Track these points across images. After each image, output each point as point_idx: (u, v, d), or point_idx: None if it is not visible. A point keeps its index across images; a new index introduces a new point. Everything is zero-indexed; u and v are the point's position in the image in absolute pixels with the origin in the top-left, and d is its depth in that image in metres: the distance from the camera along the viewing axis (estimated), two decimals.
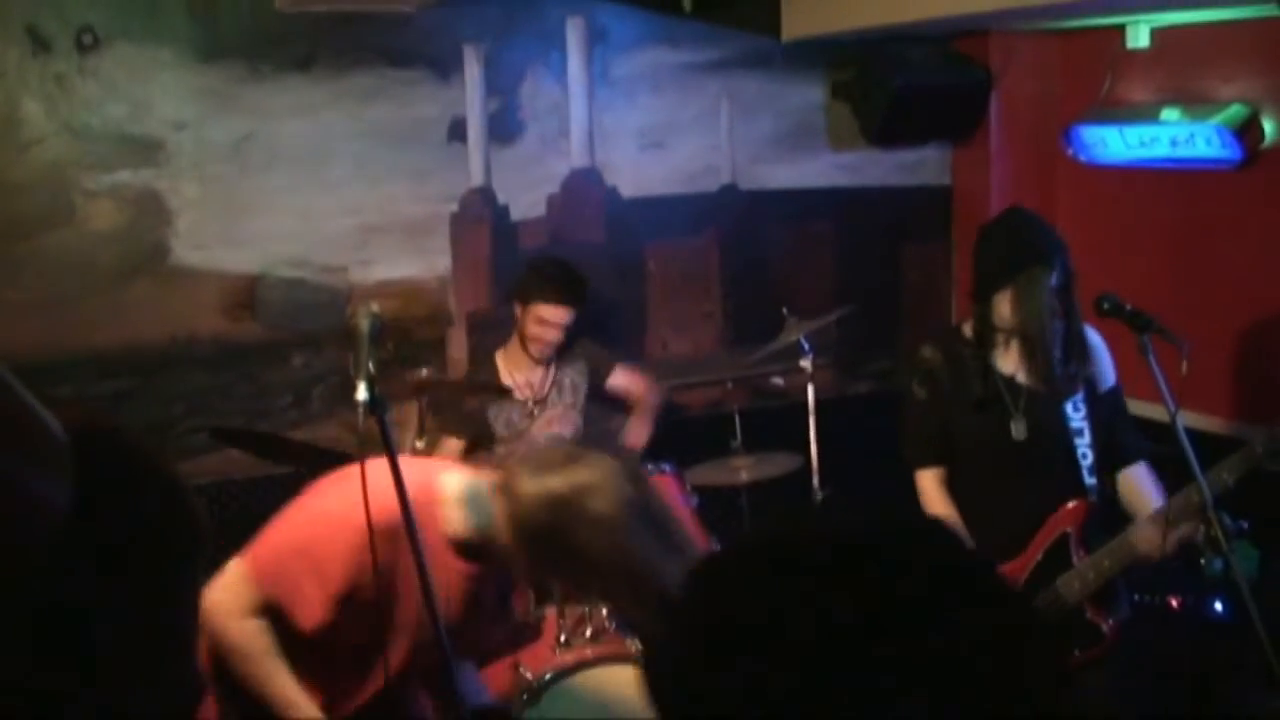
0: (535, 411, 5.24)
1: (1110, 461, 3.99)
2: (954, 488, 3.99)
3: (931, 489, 3.99)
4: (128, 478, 1.20)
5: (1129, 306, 3.64)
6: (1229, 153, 5.27)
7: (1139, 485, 3.97)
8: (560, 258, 5.35)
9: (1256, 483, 4.78)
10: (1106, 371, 4.01)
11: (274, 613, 2.73)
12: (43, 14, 4.92)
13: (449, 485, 2.79)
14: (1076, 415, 3.90)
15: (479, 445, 5.22)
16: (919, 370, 4.00)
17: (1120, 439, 3.98)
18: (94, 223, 5.11)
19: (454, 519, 2.76)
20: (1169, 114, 5.52)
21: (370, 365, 2.38)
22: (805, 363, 5.30)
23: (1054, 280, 3.74)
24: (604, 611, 4.44)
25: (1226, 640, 4.53)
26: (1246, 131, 5.22)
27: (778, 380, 5.98)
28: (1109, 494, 4.02)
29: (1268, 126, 5.21)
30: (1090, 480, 3.92)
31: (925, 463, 4.01)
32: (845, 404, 6.23)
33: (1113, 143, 5.75)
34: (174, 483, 1.26)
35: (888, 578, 1.12)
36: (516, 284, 5.24)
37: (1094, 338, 4.00)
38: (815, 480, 5.23)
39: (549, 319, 5.10)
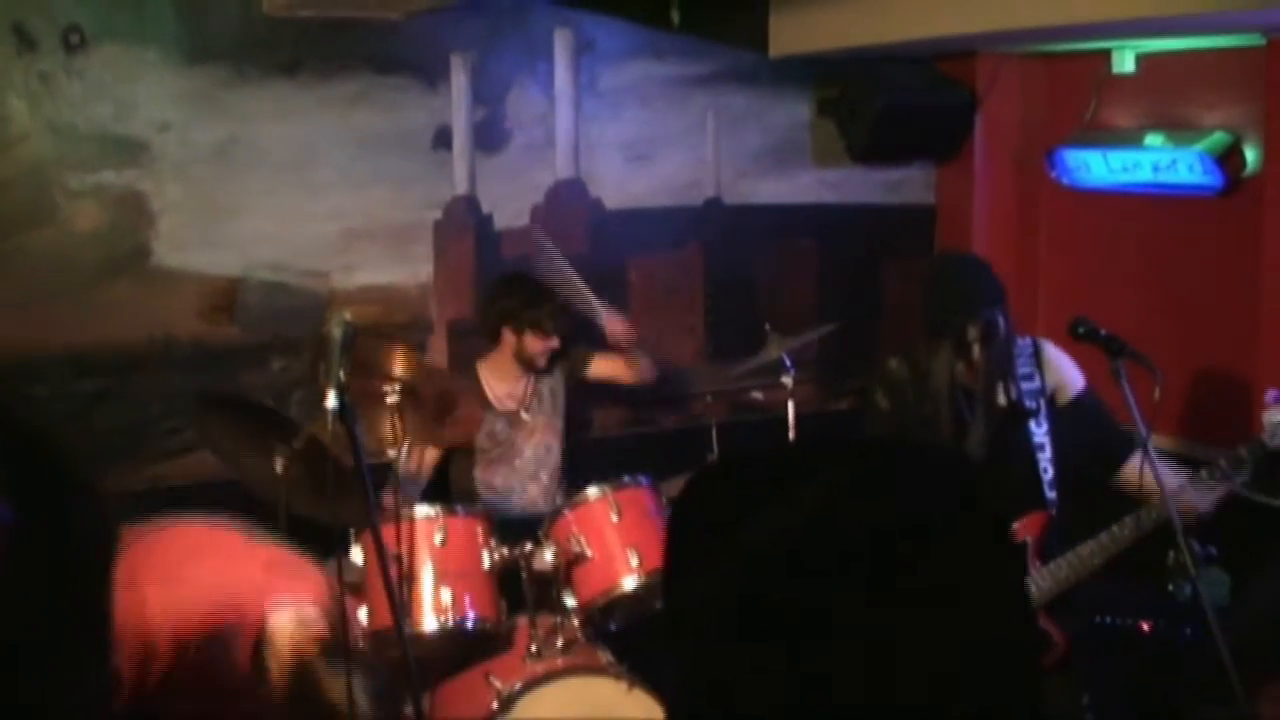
0: (523, 418, 5.24)
1: (1106, 466, 4.02)
2: None
3: None
4: (56, 483, 1.21)
5: (1104, 331, 3.67)
6: (1211, 180, 5.30)
7: (1146, 469, 3.79)
8: (537, 280, 5.36)
9: (1228, 509, 4.81)
10: (1068, 382, 4.07)
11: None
12: (30, 13, 4.92)
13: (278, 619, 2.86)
14: (1039, 431, 3.97)
15: (457, 454, 5.22)
16: (884, 381, 4.06)
17: (1109, 438, 4.01)
18: (76, 222, 5.11)
19: (271, 655, 2.82)
20: (1153, 139, 5.55)
21: (341, 373, 2.39)
22: (787, 379, 5.31)
23: (974, 334, 3.81)
24: (575, 623, 4.44)
25: (1195, 665, 4.54)
26: (1228, 159, 5.25)
27: (757, 395, 5.99)
28: (1068, 508, 4.07)
29: (1249, 155, 5.24)
30: (1050, 494, 3.99)
31: None
32: (824, 420, 6.24)
33: (1096, 167, 5.77)
34: (94, 484, 1.27)
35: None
36: (504, 307, 5.18)
37: (1051, 351, 4.08)
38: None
39: (546, 346, 5.13)
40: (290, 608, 2.85)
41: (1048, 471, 3.98)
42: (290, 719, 2.65)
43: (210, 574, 2.83)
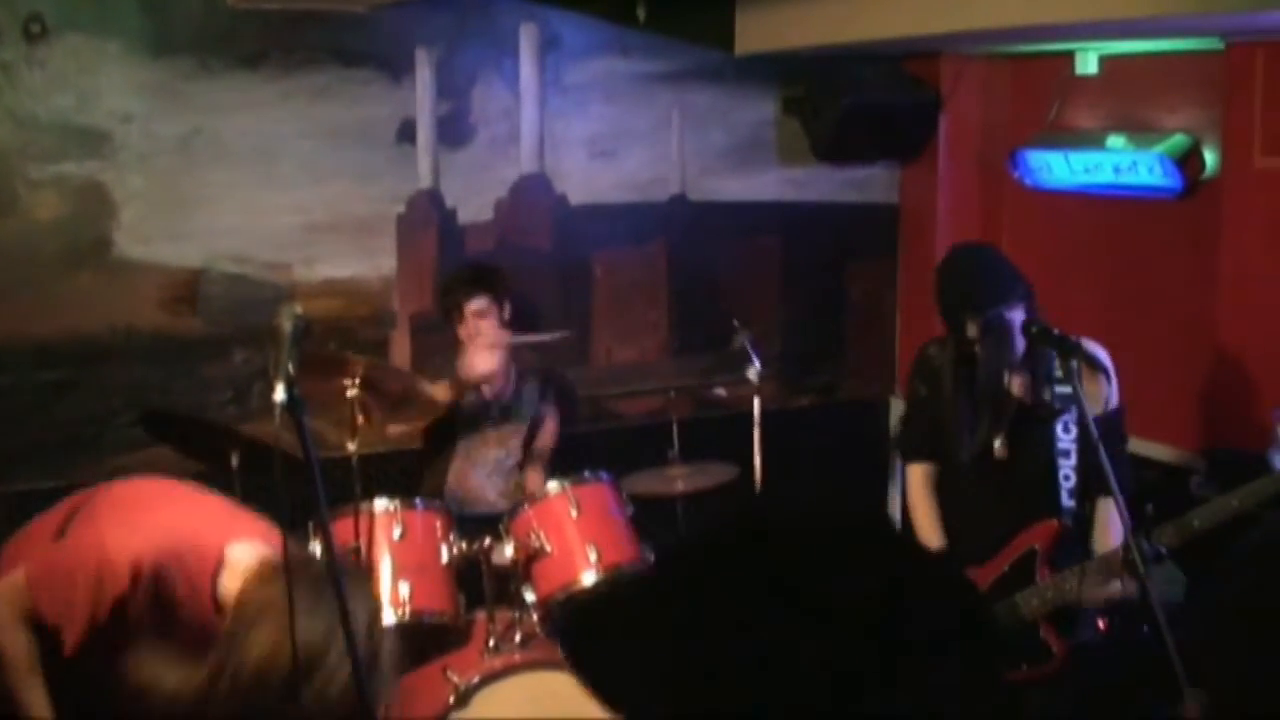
0: (496, 415, 5.25)
1: (1092, 486, 4.01)
2: (940, 488, 4.04)
3: (917, 484, 4.07)
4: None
5: (1057, 331, 3.69)
6: (1170, 182, 5.33)
7: (1104, 521, 4.01)
8: (464, 264, 5.46)
9: (1185, 507, 4.85)
10: (1104, 393, 4.00)
11: (42, 628, 2.84)
12: None
13: (237, 553, 2.87)
14: (1066, 437, 3.92)
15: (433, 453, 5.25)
16: (923, 368, 4.06)
17: (1098, 466, 4.00)
18: (37, 213, 5.08)
19: (228, 587, 2.85)
20: (1114, 141, 5.58)
21: (290, 366, 2.39)
22: (752, 374, 5.32)
23: (973, 330, 3.82)
24: (534, 618, 4.45)
25: (1147, 663, 4.58)
26: (1188, 162, 5.29)
27: (720, 391, 6.01)
28: (1087, 518, 4.06)
29: (1208, 157, 5.28)
30: (1069, 503, 3.97)
31: (914, 457, 4.10)
32: (786, 417, 6.26)
33: (1058, 168, 5.81)
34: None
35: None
36: (443, 298, 5.27)
37: (1101, 357, 4.01)
38: (757, 491, 5.25)
39: (475, 311, 5.13)
40: (247, 544, 2.88)
41: (1069, 479, 3.93)
42: (236, 650, 2.68)
43: (168, 513, 2.88)
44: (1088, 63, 5.80)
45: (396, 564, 4.40)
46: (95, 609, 2.81)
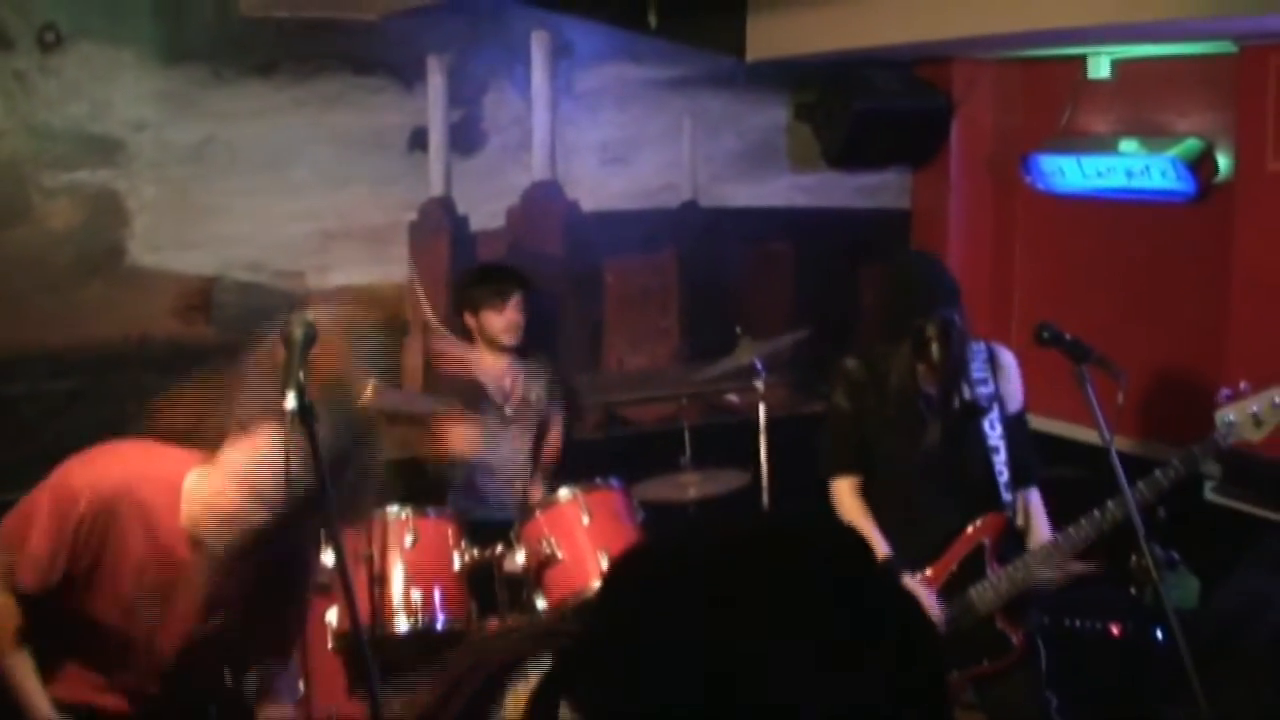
0: (507, 414, 5.25)
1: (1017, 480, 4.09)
2: (870, 497, 4.06)
3: (848, 497, 4.08)
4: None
5: (1068, 336, 3.70)
6: (1183, 186, 5.33)
7: (1032, 511, 4.11)
8: (490, 262, 5.47)
9: (1199, 514, 4.85)
10: (1017, 392, 4.12)
11: (14, 582, 2.88)
12: (4, 10, 4.91)
13: (192, 480, 2.92)
14: (993, 433, 4.00)
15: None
16: (844, 382, 4.08)
17: (1023, 460, 4.06)
18: (51, 221, 5.09)
19: (192, 513, 2.88)
20: (1127, 145, 5.58)
21: (300, 374, 2.40)
22: (759, 383, 5.33)
23: (932, 332, 3.85)
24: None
25: (1163, 668, 4.57)
26: (1200, 166, 5.28)
27: (732, 397, 6.00)
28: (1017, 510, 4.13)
29: (1221, 161, 5.27)
30: (1006, 496, 4.02)
31: (841, 471, 4.10)
32: (797, 423, 6.24)
33: (1070, 172, 5.80)
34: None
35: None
36: (461, 296, 5.30)
37: (1006, 357, 4.14)
38: (765, 498, 5.25)
39: (517, 303, 5.15)
40: (202, 475, 2.89)
41: (1003, 474, 4.01)
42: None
43: (132, 455, 2.89)
44: (1100, 67, 5.79)
45: (409, 571, 4.41)
46: (56, 540, 2.84)
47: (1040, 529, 4.07)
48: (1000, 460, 4.00)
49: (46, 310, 5.11)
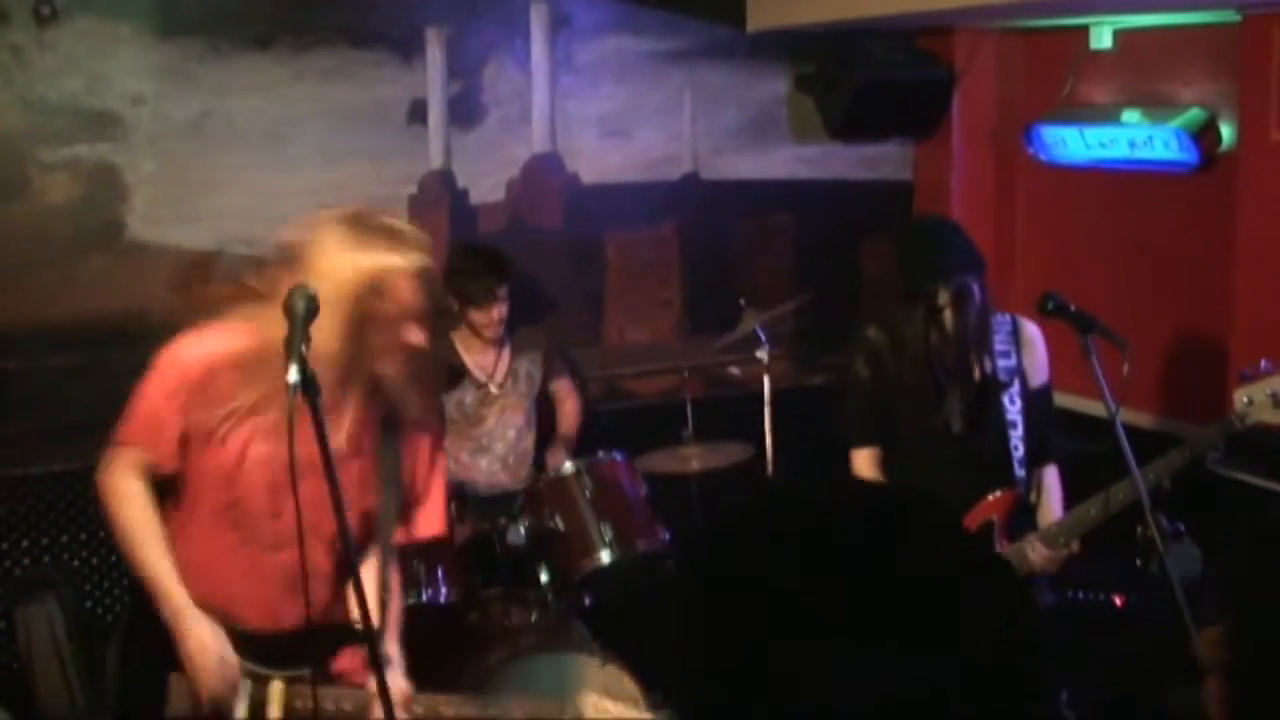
0: (492, 392, 5.22)
1: (1036, 455, 4.07)
2: (887, 469, 4.03)
3: (866, 468, 4.05)
4: None
5: (1073, 307, 3.67)
6: (1186, 156, 5.30)
7: (1045, 487, 4.10)
8: (476, 245, 5.36)
9: (1200, 485, 4.84)
10: (1042, 366, 4.08)
11: (150, 472, 2.94)
12: None
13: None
14: (1012, 408, 3.96)
15: None
16: (864, 350, 4.05)
17: (1043, 437, 4.04)
18: (49, 196, 5.08)
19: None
20: (1129, 116, 5.55)
21: (303, 347, 2.38)
22: (761, 354, 5.32)
23: (945, 299, 3.82)
24: (549, 598, 4.45)
25: (1166, 638, 4.57)
26: (1204, 136, 5.25)
27: (734, 370, 5.99)
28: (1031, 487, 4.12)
29: (1224, 131, 5.25)
30: (1020, 473, 3.99)
31: (863, 442, 4.06)
32: (800, 395, 6.23)
33: (1073, 143, 5.77)
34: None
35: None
36: (450, 281, 5.14)
37: (1032, 331, 4.08)
38: (769, 470, 5.25)
39: (503, 296, 5.10)
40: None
41: (1018, 449, 3.97)
42: None
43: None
44: (1102, 37, 5.75)
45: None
46: (179, 403, 2.91)
47: (1051, 507, 4.04)
48: (1017, 436, 3.95)
49: (45, 285, 5.10)
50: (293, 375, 2.35)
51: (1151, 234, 5.68)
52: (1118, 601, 4.91)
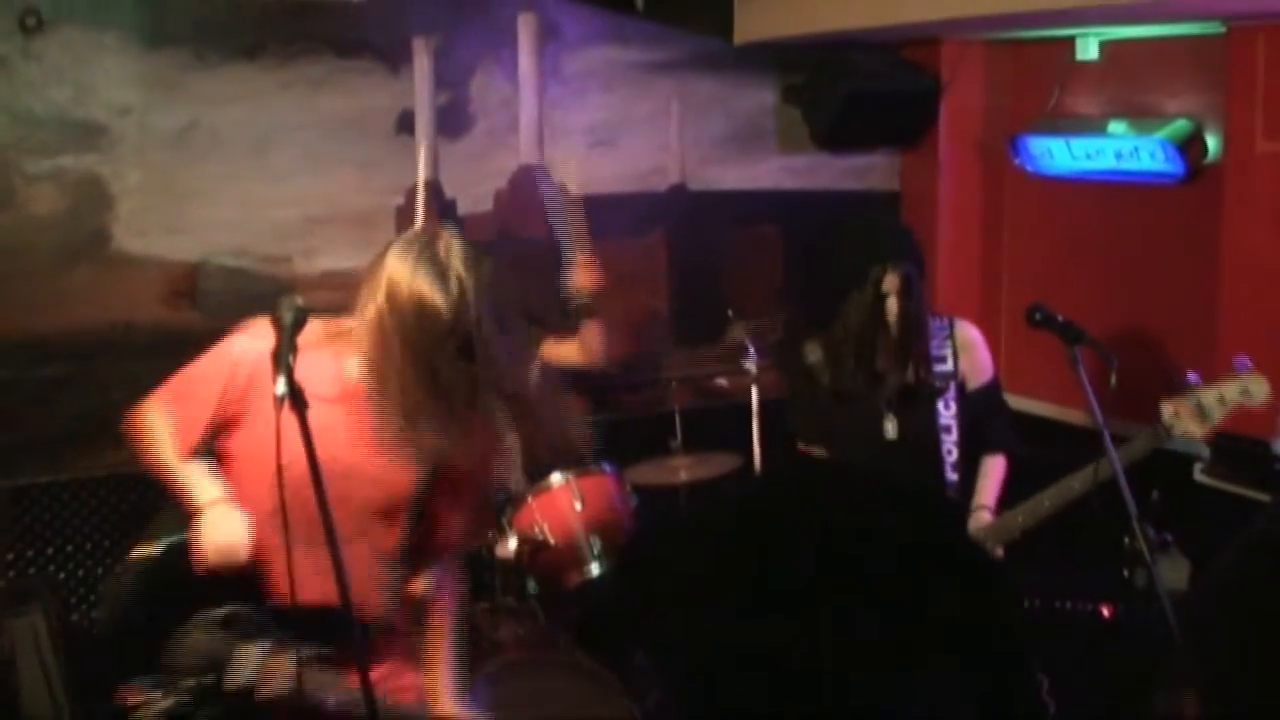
0: None
1: (975, 450, 4.13)
2: None
3: None
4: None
5: (1060, 318, 3.69)
6: (1172, 167, 5.31)
7: (983, 472, 4.16)
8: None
9: (1189, 494, 4.85)
10: (984, 367, 4.14)
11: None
12: None
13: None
14: (946, 413, 4.00)
15: None
16: (801, 362, 4.10)
17: (989, 429, 4.07)
18: (34, 207, 5.06)
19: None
20: (1115, 127, 5.56)
21: (290, 359, 2.37)
22: (749, 364, 5.31)
23: (891, 284, 3.84)
24: (537, 610, 4.44)
25: (1154, 650, 4.57)
26: (1189, 147, 5.27)
27: (722, 381, 5.99)
28: (968, 489, 4.15)
29: (1210, 142, 5.26)
30: (952, 476, 4.07)
31: (812, 441, 4.11)
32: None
33: (1059, 154, 5.78)
34: None
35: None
36: None
37: (971, 333, 4.16)
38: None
39: None
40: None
41: (951, 454, 4.03)
42: None
43: None
44: (1088, 48, 5.77)
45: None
46: (217, 391, 2.91)
47: (983, 492, 4.10)
48: (951, 440, 4.02)
49: (30, 296, 5.08)
50: (280, 387, 2.35)
51: (1137, 245, 5.69)
52: (1105, 612, 4.91)
